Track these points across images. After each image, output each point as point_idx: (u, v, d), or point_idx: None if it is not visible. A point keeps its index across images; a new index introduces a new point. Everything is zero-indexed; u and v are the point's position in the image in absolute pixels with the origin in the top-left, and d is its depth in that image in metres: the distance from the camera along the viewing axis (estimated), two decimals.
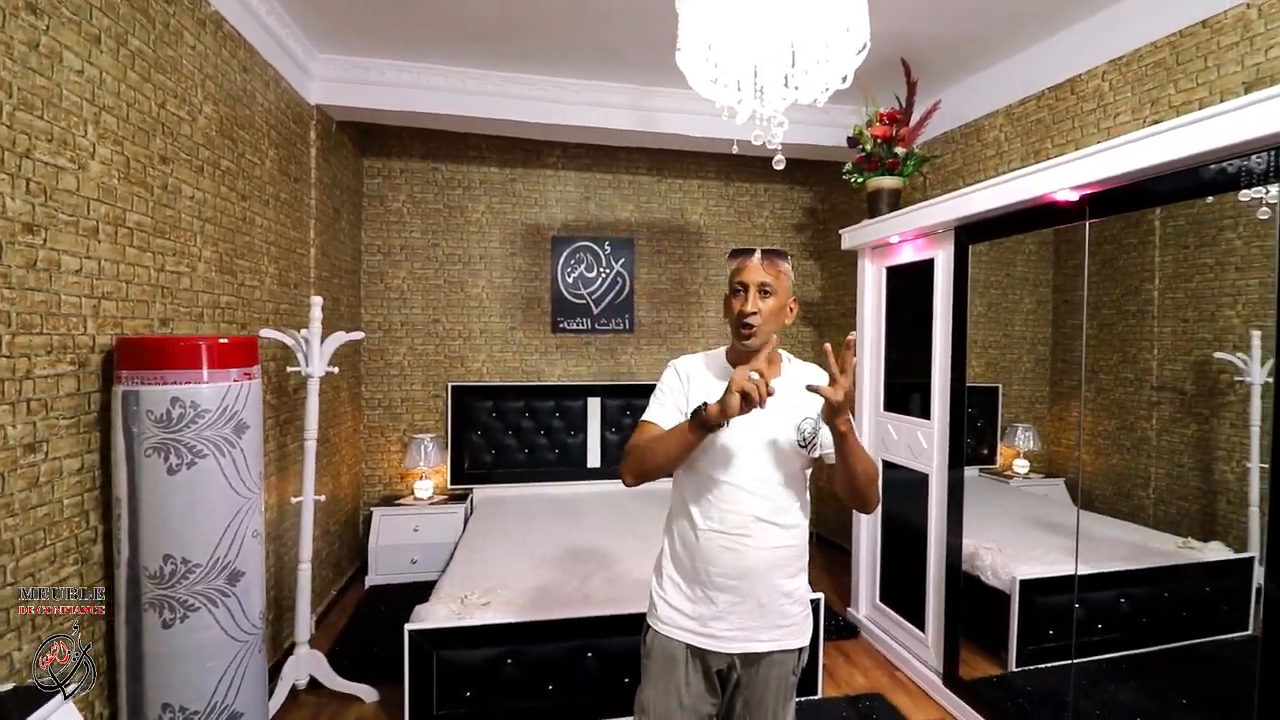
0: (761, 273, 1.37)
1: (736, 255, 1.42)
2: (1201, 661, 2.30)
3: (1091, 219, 1.98)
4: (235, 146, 2.29)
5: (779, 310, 1.38)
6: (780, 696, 1.39)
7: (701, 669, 1.38)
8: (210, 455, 1.59)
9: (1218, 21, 2.17)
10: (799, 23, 1.51)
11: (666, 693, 1.37)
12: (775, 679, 1.38)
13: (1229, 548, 2.26)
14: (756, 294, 1.36)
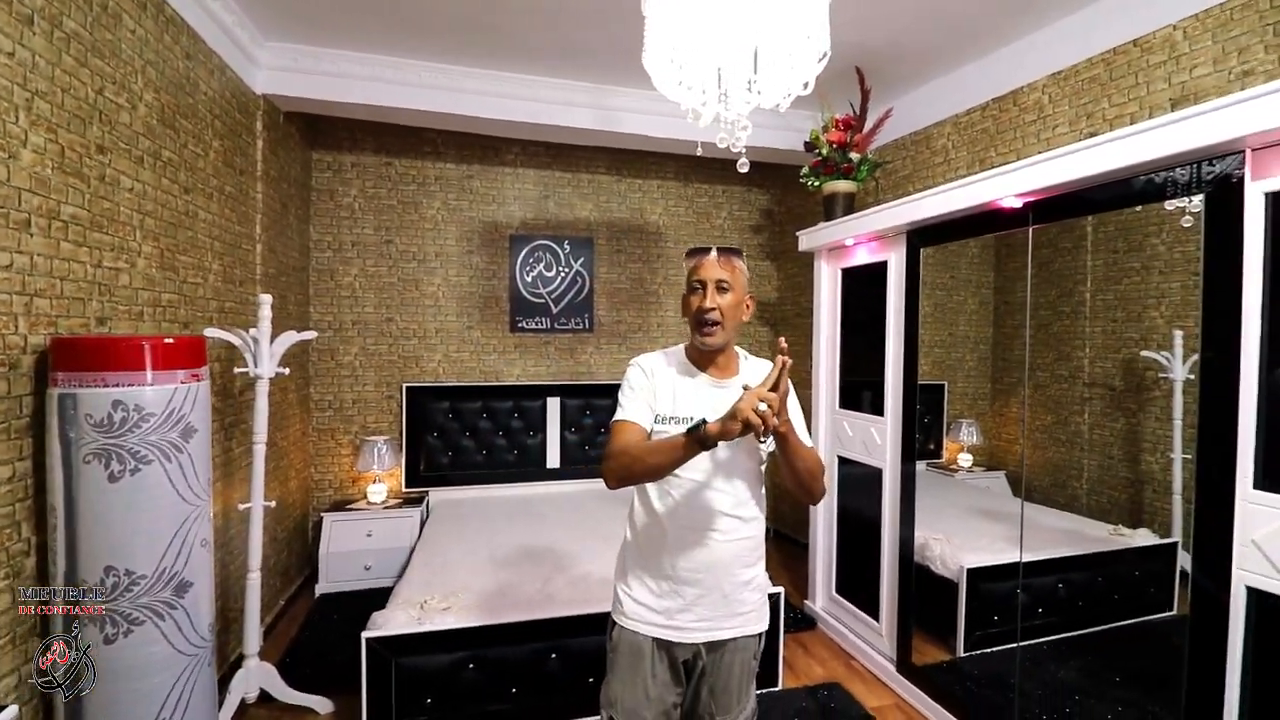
0: (718, 270, 1.40)
1: (693, 254, 1.45)
2: (1133, 641, 2.45)
3: (1034, 225, 2.08)
4: (177, 137, 2.18)
5: (737, 306, 1.42)
6: (743, 681, 1.45)
7: (667, 660, 1.41)
8: (155, 461, 1.51)
9: (1148, 41, 2.31)
10: (763, 29, 1.54)
11: (633, 686, 1.40)
12: (739, 664, 1.43)
13: (1155, 534, 2.41)
14: (715, 291, 1.40)
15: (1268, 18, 1.99)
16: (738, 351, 1.50)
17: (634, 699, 1.40)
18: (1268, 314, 1.44)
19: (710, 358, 1.45)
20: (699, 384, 1.43)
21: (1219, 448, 1.51)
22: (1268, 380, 1.43)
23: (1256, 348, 1.45)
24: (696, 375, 1.44)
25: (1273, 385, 1.42)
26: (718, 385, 1.43)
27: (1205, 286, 1.56)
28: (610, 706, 1.43)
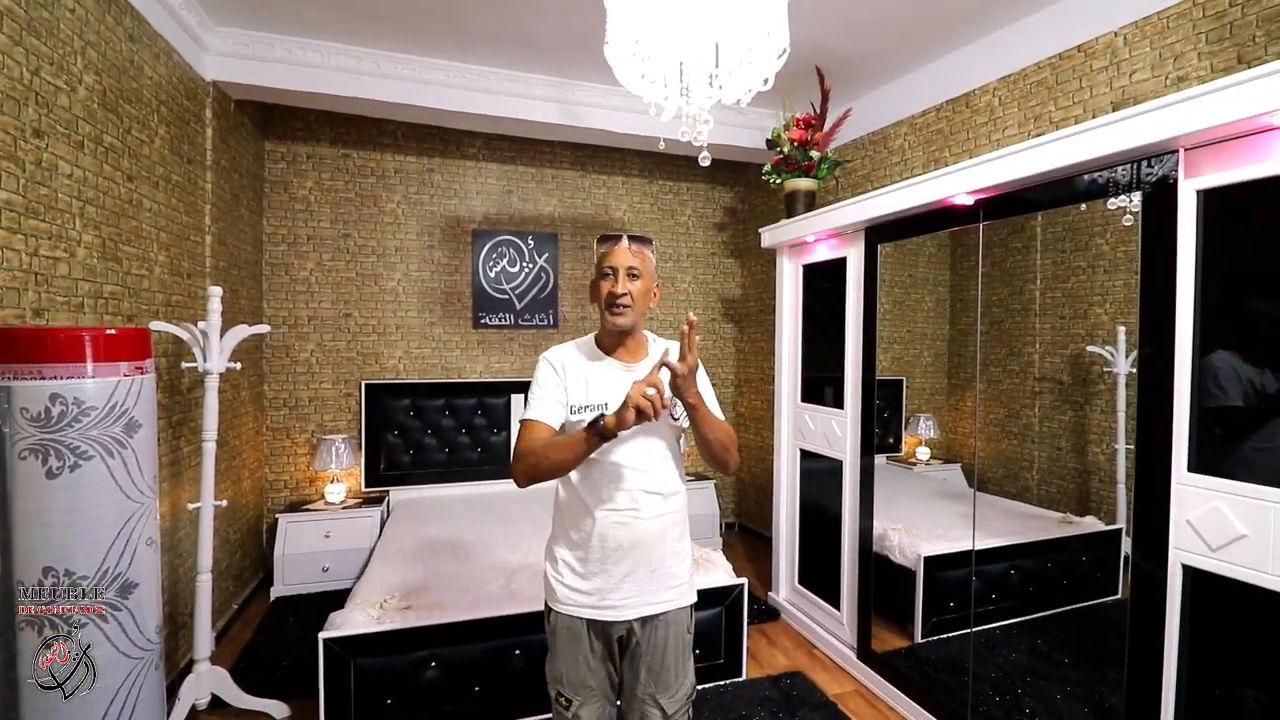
0: (629, 257, 1.44)
1: (605, 240, 1.48)
2: (1081, 624, 2.55)
3: (984, 221, 2.15)
4: (120, 122, 2.09)
5: (646, 293, 1.46)
6: (680, 655, 1.48)
7: (603, 639, 1.45)
8: (97, 457, 1.44)
9: (1091, 47, 2.41)
10: (723, 24, 1.55)
11: (575, 663, 1.45)
12: (673, 638, 1.46)
13: (1101, 521, 2.51)
14: (626, 277, 1.43)
15: (1200, 26, 2.09)
16: (646, 335, 1.54)
17: (577, 674, 1.45)
18: (1199, 307, 1.52)
19: (619, 340, 1.48)
20: (608, 367, 1.47)
21: (1156, 435, 1.58)
22: (1199, 366, 1.51)
23: (1190, 340, 1.53)
24: (605, 360, 1.48)
25: (1203, 369, 1.49)
26: (626, 369, 1.47)
27: (1143, 281, 1.63)
28: (557, 682, 1.48)
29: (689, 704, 1.51)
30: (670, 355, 1.34)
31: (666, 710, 1.46)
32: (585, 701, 1.45)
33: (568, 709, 1.46)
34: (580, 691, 1.45)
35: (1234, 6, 2.00)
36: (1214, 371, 1.48)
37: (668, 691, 1.46)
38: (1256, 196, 1.41)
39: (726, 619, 2.58)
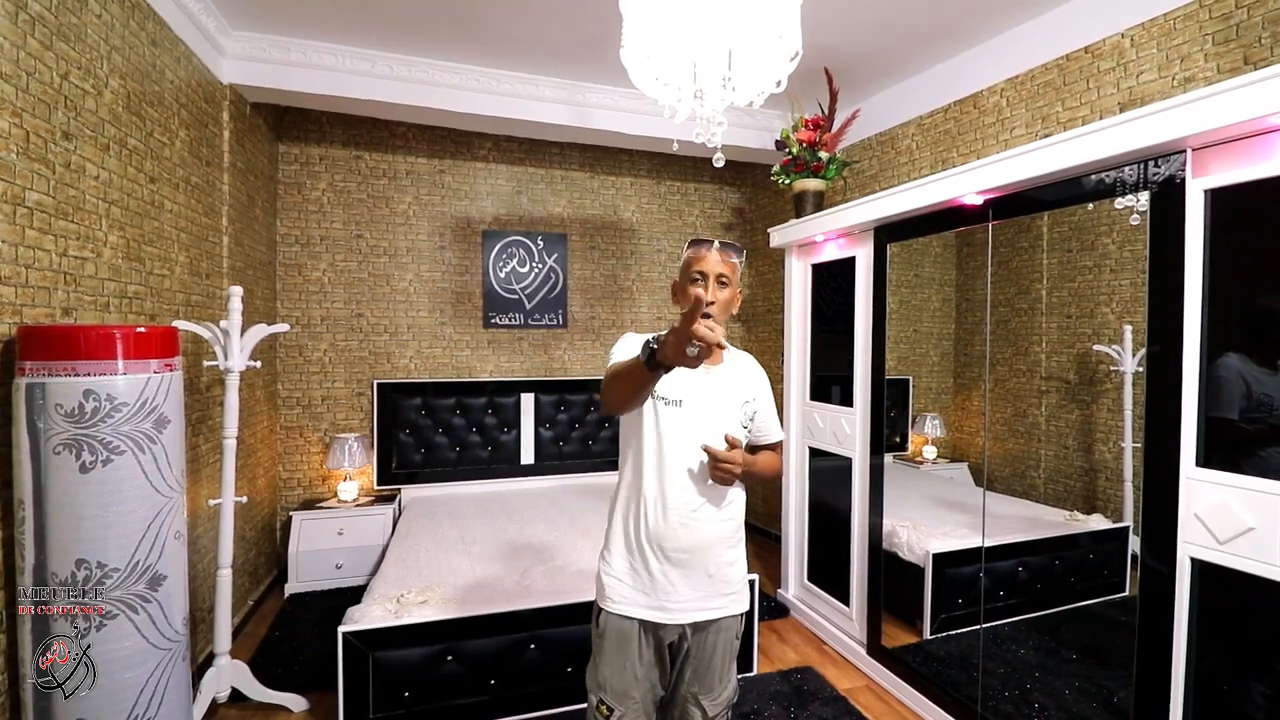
0: (720, 265, 1.45)
1: (696, 244, 1.48)
2: (1088, 620, 2.57)
3: (994, 220, 2.17)
4: (144, 125, 2.13)
5: (731, 301, 1.47)
6: (725, 661, 1.48)
7: (653, 643, 1.43)
8: (128, 452, 1.48)
9: (1098, 48, 2.43)
10: (737, 28, 1.58)
11: (622, 669, 1.42)
12: (722, 644, 1.46)
13: (1108, 519, 2.53)
14: (715, 284, 1.43)
15: (1207, 28, 2.11)
16: (722, 342, 1.54)
17: (622, 682, 1.42)
18: (1207, 305, 1.54)
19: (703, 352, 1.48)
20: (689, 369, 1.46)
21: (1165, 430, 1.61)
22: (1208, 369, 1.53)
23: (1198, 336, 1.55)
24: None
25: (1213, 375, 1.51)
26: (706, 372, 1.47)
27: (1151, 280, 1.65)
28: (599, 690, 1.44)
29: (729, 709, 1.51)
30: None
31: (708, 712, 1.46)
32: (626, 713, 1.41)
33: (608, 718, 1.41)
34: (623, 702, 1.41)
35: (1240, 8, 2.02)
36: (1218, 381, 1.50)
37: (710, 694, 1.47)
38: (1263, 196, 1.44)
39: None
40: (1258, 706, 1.45)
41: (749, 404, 1.50)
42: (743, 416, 1.47)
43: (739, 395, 1.48)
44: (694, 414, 1.40)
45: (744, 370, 1.54)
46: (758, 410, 1.53)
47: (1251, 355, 1.46)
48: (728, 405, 1.45)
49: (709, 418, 1.42)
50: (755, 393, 1.53)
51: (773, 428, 1.59)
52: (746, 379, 1.52)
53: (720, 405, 1.44)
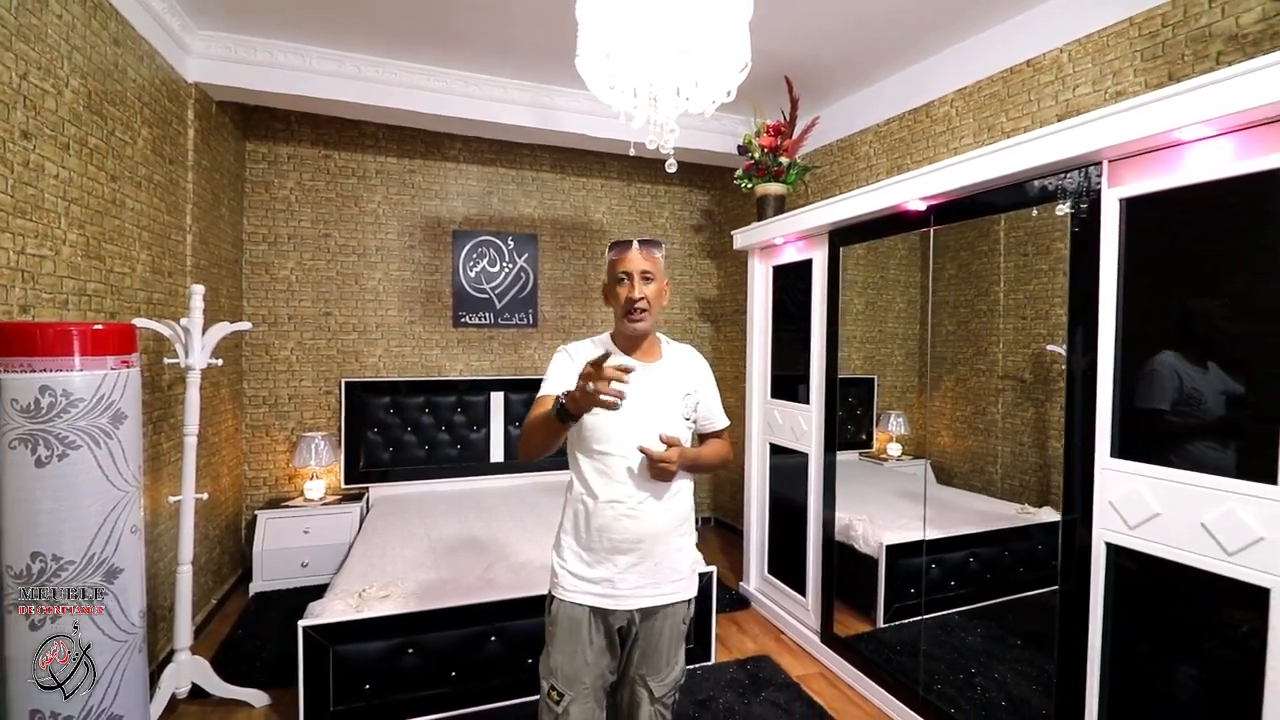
0: (642, 261, 1.51)
1: (616, 247, 1.55)
2: (1034, 609, 2.67)
3: (934, 226, 2.28)
4: (105, 124, 2.14)
5: (660, 293, 1.54)
6: (673, 644, 1.55)
7: (603, 629, 1.49)
8: (84, 446, 1.50)
9: (1039, 62, 2.55)
10: (687, 40, 1.65)
11: (572, 654, 1.47)
12: (669, 629, 1.53)
13: (1057, 512, 2.65)
14: (640, 281, 1.50)
15: (1136, 45, 2.24)
16: (659, 337, 1.61)
17: (573, 667, 1.47)
18: (1121, 307, 1.65)
19: (636, 343, 1.55)
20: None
21: (1083, 424, 1.72)
22: (1123, 368, 1.64)
23: (1112, 338, 1.66)
24: (619, 356, 1.53)
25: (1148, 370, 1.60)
26: (644, 368, 1.54)
27: (1071, 283, 1.76)
28: (550, 676, 1.50)
29: (676, 690, 1.58)
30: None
31: (655, 693, 1.53)
32: (576, 698, 1.46)
33: (558, 704, 1.47)
34: (573, 687, 1.47)
35: (1166, 27, 2.15)
36: (1152, 375, 1.59)
37: (657, 675, 1.53)
38: (1171, 206, 1.55)
39: (697, 605, 2.68)
40: (1166, 677, 1.56)
41: (690, 395, 1.57)
42: (685, 408, 1.54)
43: (679, 388, 1.55)
44: (634, 412, 1.46)
45: (683, 363, 1.61)
46: (700, 401, 1.60)
47: (1185, 353, 1.56)
48: (668, 399, 1.52)
49: (650, 413, 1.49)
50: (696, 384, 1.60)
51: (717, 416, 1.66)
52: (686, 371, 1.59)
53: (661, 400, 1.51)
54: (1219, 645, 1.46)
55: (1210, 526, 1.45)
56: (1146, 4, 2.18)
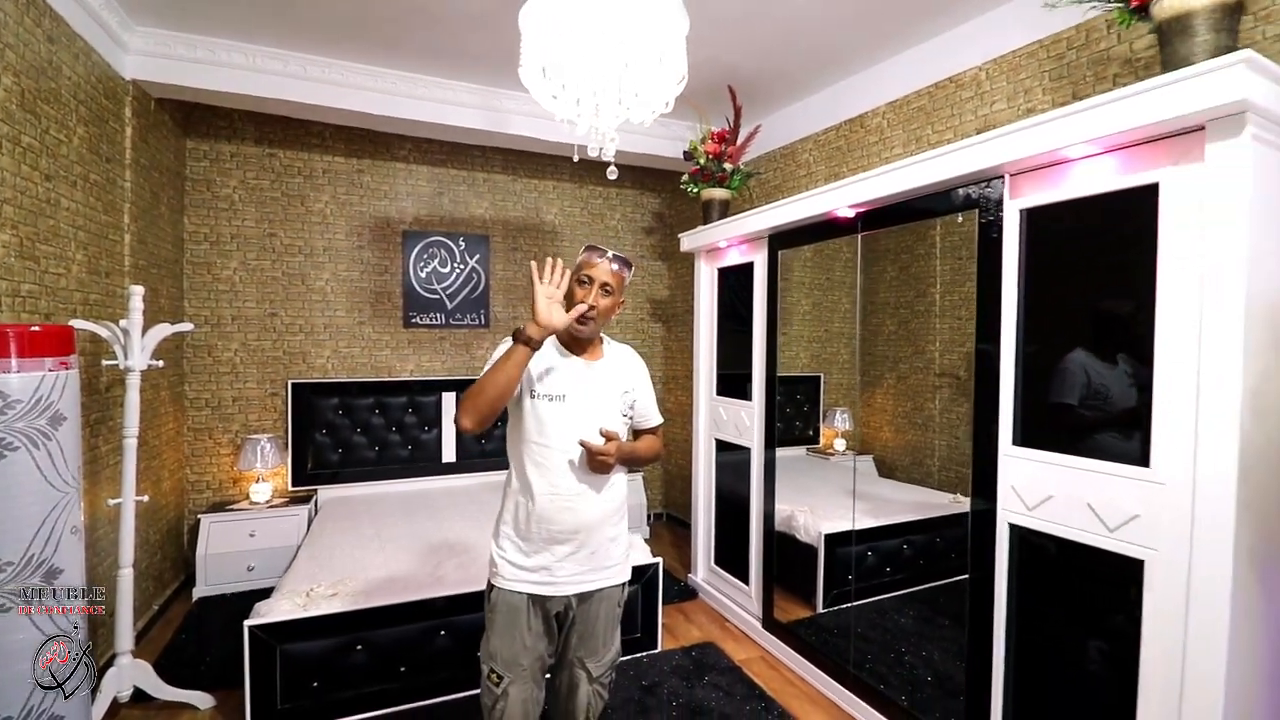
0: (608, 275, 1.60)
1: (591, 250, 1.63)
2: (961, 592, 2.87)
3: (863, 232, 2.43)
4: (39, 122, 2.10)
5: (612, 308, 1.63)
6: (609, 625, 1.64)
7: (541, 614, 1.57)
8: (22, 448, 1.50)
9: (960, 78, 2.74)
10: (626, 53, 1.74)
11: (511, 639, 1.55)
12: (604, 612, 1.62)
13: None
14: (599, 291, 1.58)
15: (1044, 65, 2.43)
16: (602, 336, 1.71)
17: (512, 651, 1.55)
18: (1022, 308, 1.81)
19: (582, 344, 1.64)
20: (571, 364, 1.62)
21: (988, 414, 1.88)
22: (1023, 363, 1.80)
23: (1013, 336, 1.82)
24: (569, 357, 1.62)
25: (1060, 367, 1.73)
26: (588, 366, 1.63)
27: (978, 286, 1.92)
28: (491, 660, 1.57)
29: (613, 669, 1.68)
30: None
31: (592, 673, 1.62)
32: (515, 680, 1.54)
33: (497, 685, 1.54)
34: (512, 669, 1.54)
35: (1070, 50, 2.35)
36: (1063, 372, 1.72)
37: (594, 656, 1.62)
38: (1061, 215, 1.72)
39: (643, 595, 2.78)
40: (1062, 641, 1.72)
41: (628, 394, 1.66)
42: (622, 405, 1.64)
43: (618, 386, 1.64)
44: (576, 407, 1.55)
45: (623, 363, 1.70)
46: (637, 399, 1.70)
47: (1096, 351, 1.70)
48: (608, 396, 1.61)
49: (590, 409, 1.57)
50: (634, 383, 1.69)
51: (651, 414, 1.76)
52: (625, 371, 1.69)
53: (601, 397, 1.60)
54: (1106, 613, 1.63)
55: (1095, 506, 1.61)
56: (1053, 28, 2.37)
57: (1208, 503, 1.40)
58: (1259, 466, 1.41)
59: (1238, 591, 1.38)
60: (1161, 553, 1.48)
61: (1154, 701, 1.49)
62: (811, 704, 2.48)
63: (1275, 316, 1.44)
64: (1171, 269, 1.46)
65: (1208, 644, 1.39)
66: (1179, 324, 1.45)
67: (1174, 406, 1.46)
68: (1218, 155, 1.38)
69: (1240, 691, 1.42)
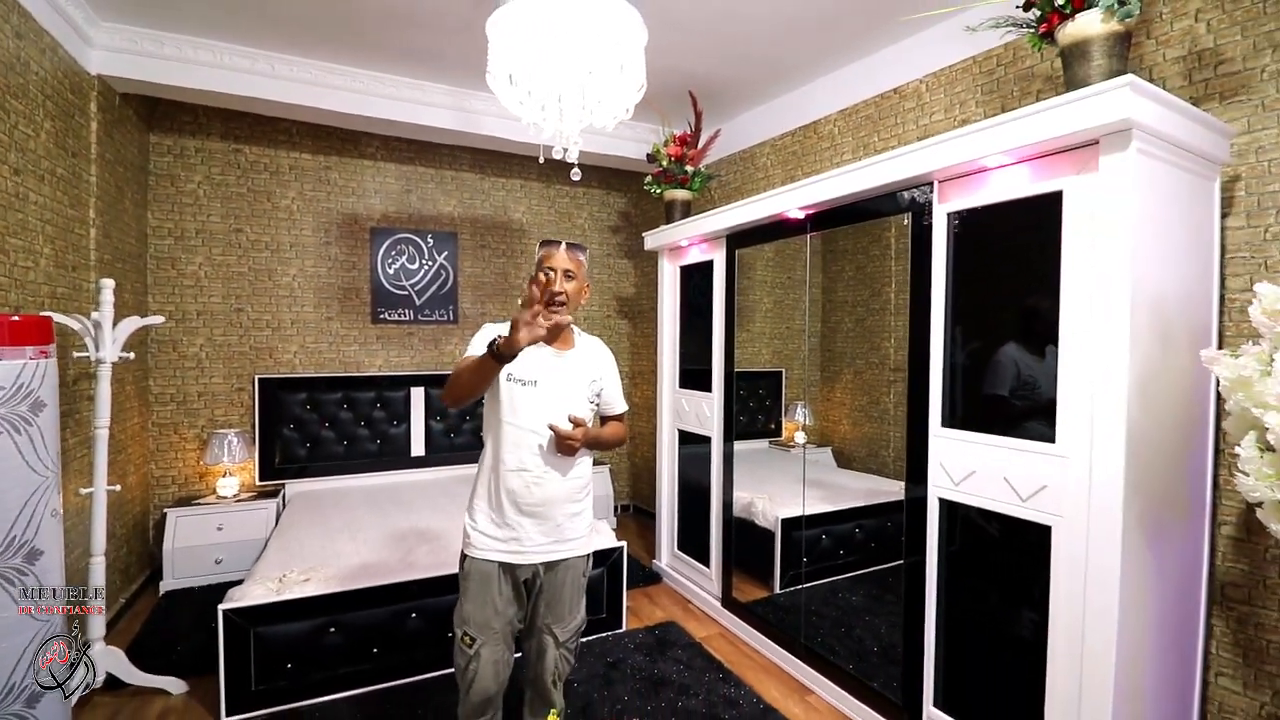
0: (566, 261, 1.71)
1: (546, 244, 1.75)
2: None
3: (812, 232, 2.60)
4: (7, 118, 2.12)
5: (578, 292, 1.75)
6: (574, 593, 1.77)
7: (511, 581, 1.70)
8: (5, 433, 1.55)
9: (903, 90, 2.93)
10: (588, 62, 1.86)
11: (483, 604, 1.67)
12: (570, 581, 1.75)
13: None
14: (563, 278, 1.69)
15: (977, 80, 2.63)
16: (573, 328, 1.82)
17: (484, 615, 1.67)
18: (949, 304, 1.99)
19: (554, 333, 1.73)
20: (543, 354, 1.72)
21: (920, 400, 2.05)
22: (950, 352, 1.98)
23: (942, 328, 2.00)
24: (542, 347, 1.72)
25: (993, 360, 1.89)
26: (557, 355, 1.75)
27: (911, 283, 2.10)
28: (464, 624, 1.69)
29: (578, 636, 1.80)
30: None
31: (559, 638, 1.74)
32: (487, 642, 1.66)
33: (470, 647, 1.66)
34: (484, 632, 1.66)
35: (1000, 66, 2.55)
36: (996, 365, 1.87)
37: (561, 623, 1.74)
38: (980, 218, 1.90)
39: (608, 578, 2.91)
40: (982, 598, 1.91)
41: (595, 382, 1.79)
42: (590, 393, 1.77)
43: (587, 375, 1.77)
44: (546, 392, 1.68)
45: (592, 353, 1.83)
46: (603, 388, 1.82)
47: (1025, 344, 1.87)
48: (576, 384, 1.74)
49: (559, 395, 1.70)
50: (601, 372, 1.82)
51: (617, 401, 1.89)
52: (594, 361, 1.81)
53: (570, 384, 1.72)
54: (1020, 576, 1.82)
55: (1011, 479, 1.80)
56: (985, 46, 2.56)
57: (1102, 473, 1.59)
58: (1146, 441, 1.61)
59: (1127, 548, 1.57)
60: (1066, 518, 1.67)
61: (1060, 649, 1.68)
62: (766, 674, 2.64)
63: (1159, 312, 1.63)
64: (1072, 267, 1.65)
65: (1103, 592, 1.59)
66: (1078, 316, 1.64)
67: (1075, 390, 1.65)
68: (1109, 166, 1.57)
69: (1132, 630, 1.61)
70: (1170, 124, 1.58)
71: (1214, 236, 1.81)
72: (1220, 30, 1.87)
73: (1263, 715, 1.84)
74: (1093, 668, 1.61)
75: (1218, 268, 1.83)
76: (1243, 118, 1.83)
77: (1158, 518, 1.67)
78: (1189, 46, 1.94)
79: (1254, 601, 1.85)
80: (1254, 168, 1.81)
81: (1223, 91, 1.86)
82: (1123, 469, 1.55)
